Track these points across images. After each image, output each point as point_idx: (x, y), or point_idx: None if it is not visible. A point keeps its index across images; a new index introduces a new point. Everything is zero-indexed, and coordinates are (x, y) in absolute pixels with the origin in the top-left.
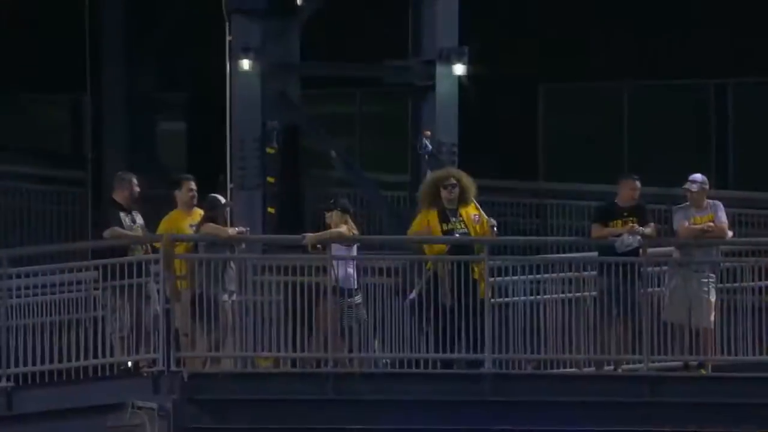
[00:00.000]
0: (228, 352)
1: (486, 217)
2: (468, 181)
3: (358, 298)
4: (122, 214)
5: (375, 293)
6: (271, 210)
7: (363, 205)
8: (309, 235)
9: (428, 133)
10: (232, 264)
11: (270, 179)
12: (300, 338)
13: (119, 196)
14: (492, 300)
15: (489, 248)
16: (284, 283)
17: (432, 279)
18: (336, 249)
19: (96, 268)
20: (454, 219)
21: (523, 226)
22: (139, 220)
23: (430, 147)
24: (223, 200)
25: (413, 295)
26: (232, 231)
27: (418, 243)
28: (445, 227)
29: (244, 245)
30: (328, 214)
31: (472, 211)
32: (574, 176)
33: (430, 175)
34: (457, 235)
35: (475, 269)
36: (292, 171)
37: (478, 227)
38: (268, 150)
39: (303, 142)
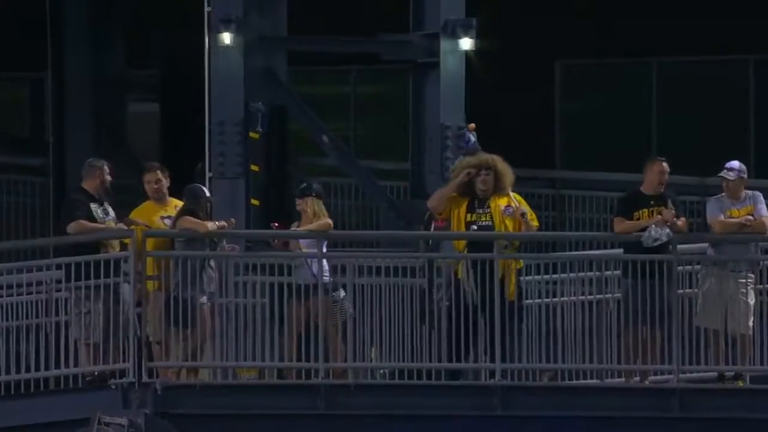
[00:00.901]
0: (207, 361)
1: (519, 207)
2: (504, 168)
3: (341, 293)
4: (93, 205)
5: (372, 295)
6: (255, 202)
7: (358, 196)
8: (209, 223)
9: (473, 125)
10: (211, 262)
11: (254, 167)
12: (288, 346)
13: (89, 185)
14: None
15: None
16: (270, 283)
17: (453, 279)
18: (303, 244)
19: (60, 267)
20: (480, 210)
21: (537, 219)
22: (112, 212)
23: (473, 139)
24: (206, 192)
25: (438, 294)
26: (212, 225)
27: (425, 240)
28: (468, 218)
29: (225, 242)
30: (300, 201)
31: (503, 203)
32: (595, 164)
33: (461, 162)
34: (475, 228)
35: (500, 268)
36: (279, 158)
37: (508, 221)
38: (252, 135)
39: (291, 126)
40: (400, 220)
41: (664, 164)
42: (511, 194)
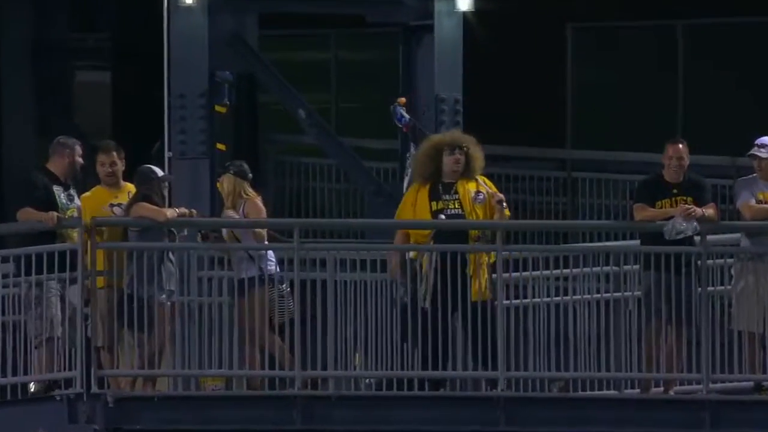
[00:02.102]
0: (166, 369)
1: (493, 191)
2: (476, 151)
3: (286, 287)
4: (57, 188)
5: (357, 293)
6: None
7: (340, 179)
8: (168, 210)
9: (403, 100)
10: (171, 256)
11: (220, 146)
12: (261, 351)
13: (55, 166)
14: (505, 302)
15: (490, 234)
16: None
17: (416, 274)
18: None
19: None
20: (447, 196)
21: (546, 206)
22: (78, 200)
23: (407, 117)
24: (159, 173)
25: (401, 294)
26: (171, 213)
27: (394, 229)
28: (434, 206)
29: (186, 231)
30: (219, 180)
31: (472, 188)
32: (612, 143)
33: (428, 140)
34: (442, 217)
35: (471, 262)
36: (249, 136)
37: (479, 209)
38: (217, 108)
39: (262, 99)
40: (389, 207)
41: (680, 147)
42: (478, 178)
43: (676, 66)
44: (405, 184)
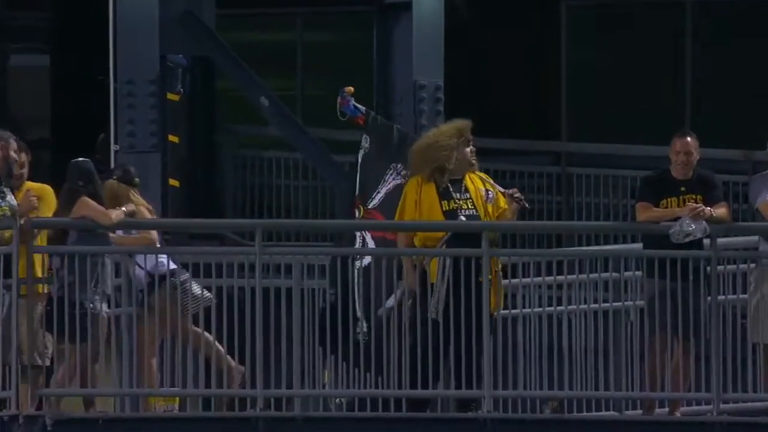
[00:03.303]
0: (108, 387)
1: (500, 188)
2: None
3: (184, 275)
4: None
5: (325, 302)
6: (174, 182)
7: (307, 175)
8: (114, 212)
9: (351, 89)
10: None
11: (173, 138)
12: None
13: None
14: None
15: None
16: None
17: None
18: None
19: None
20: (458, 194)
21: (537, 205)
22: (11, 198)
23: (361, 108)
24: (89, 168)
25: (391, 302)
26: (117, 213)
27: (366, 230)
28: (445, 206)
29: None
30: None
31: (479, 184)
32: (610, 134)
33: (440, 129)
34: (463, 218)
35: (493, 268)
36: (205, 126)
37: (491, 208)
38: (170, 96)
39: (220, 85)
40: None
41: (689, 140)
42: (478, 173)
43: (683, 48)
44: (380, 195)
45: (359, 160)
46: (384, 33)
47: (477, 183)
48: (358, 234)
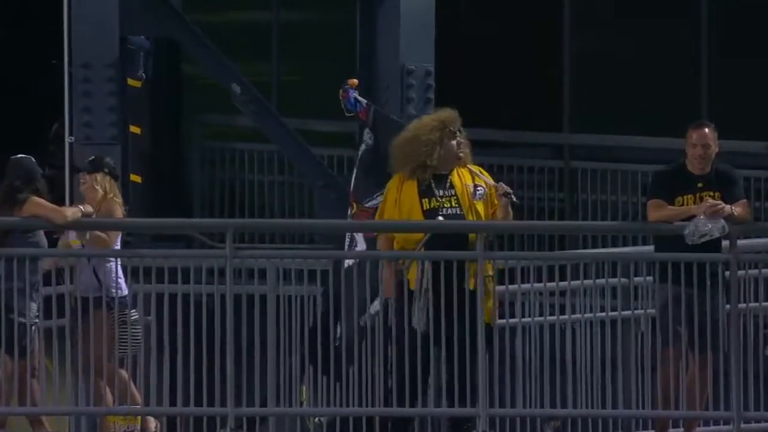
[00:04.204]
0: (52, 404)
1: (492, 182)
2: (462, 131)
3: (134, 313)
4: None
5: (303, 311)
6: (135, 178)
7: (284, 170)
8: (69, 209)
9: (355, 81)
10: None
11: (134, 129)
12: (183, 383)
13: None
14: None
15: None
16: (158, 293)
17: (400, 287)
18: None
19: None
20: (441, 192)
21: (538, 202)
22: None
23: (363, 101)
24: (29, 166)
25: (375, 308)
26: (73, 211)
27: (350, 231)
28: (426, 205)
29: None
30: (85, 179)
31: (467, 179)
32: (618, 125)
33: (421, 121)
34: (440, 218)
35: (471, 273)
36: (170, 116)
37: (481, 205)
38: (131, 82)
39: (187, 70)
40: (343, 204)
41: (707, 131)
42: (470, 166)
43: (698, 30)
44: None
45: (359, 154)
46: (368, 12)
47: (465, 178)
48: (348, 234)
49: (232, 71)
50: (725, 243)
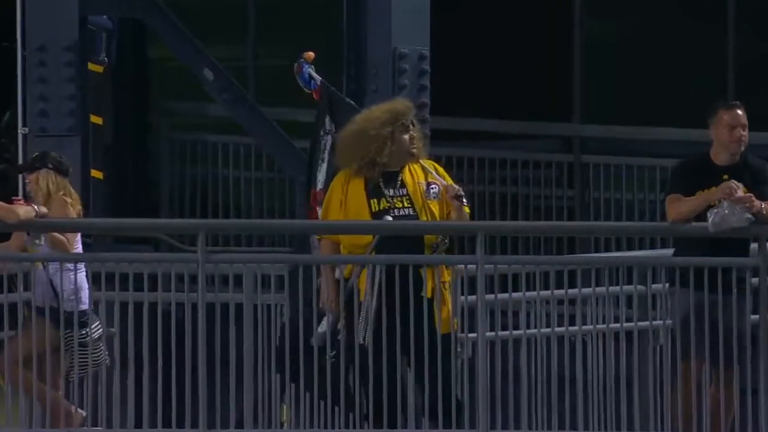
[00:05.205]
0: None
1: (445, 182)
2: (417, 123)
3: (97, 329)
4: None
5: (277, 322)
6: (97, 174)
7: (261, 164)
8: (22, 208)
9: (311, 54)
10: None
11: (95, 119)
12: (150, 402)
13: None
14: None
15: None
16: (122, 302)
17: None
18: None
19: None
20: (391, 191)
21: (544, 201)
22: None
23: (317, 78)
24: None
25: (323, 327)
26: (26, 209)
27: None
28: (374, 206)
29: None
30: (31, 178)
31: (420, 177)
32: (633, 116)
33: (370, 111)
34: (389, 219)
35: (429, 281)
36: (135, 105)
37: (433, 206)
38: (92, 67)
39: (154, 54)
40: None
41: (739, 112)
42: (423, 162)
43: (725, 10)
44: (320, 177)
45: (327, 146)
46: None
47: (418, 176)
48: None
49: (204, 55)
50: (753, 246)
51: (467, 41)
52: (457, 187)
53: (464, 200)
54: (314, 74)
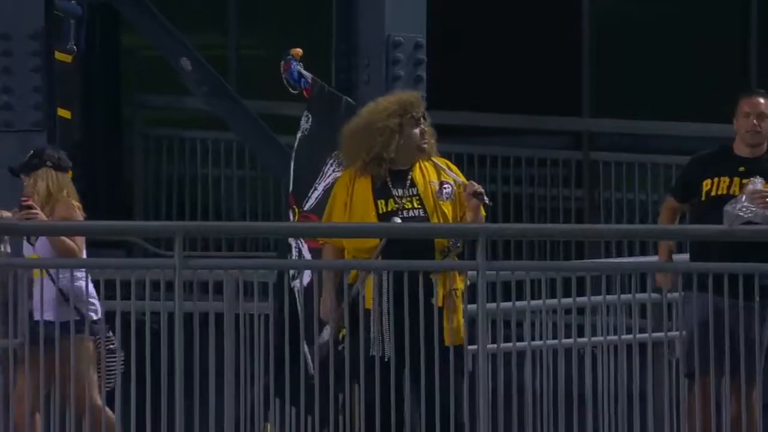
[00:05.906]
0: None
1: (462, 181)
2: (428, 117)
3: (112, 338)
4: None
5: (266, 331)
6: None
7: (243, 162)
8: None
9: (298, 51)
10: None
11: (63, 113)
12: (123, 418)
13: None
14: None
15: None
16: (107, 311)
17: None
18: (26, 248)
19: None
20: (400, 191)
21: (551, 201)
22: None
23: (307, 75)
24: None
25: (326, 334)
26: (3, 214)
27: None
28: (381, 207)
29: (6, 246)
30: (27, 183)
31: (431, 175)
32: (646, 110)
33: (376, 103)
34: (398, 221)
35: (440, 288)
36: (107, 98)
37: (446, 207)
38: (59, 57)
39: (127, 42)
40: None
41: (761, 100)
42: (435, 160)
43: None
44: (317, 193)
45: (295, 145)
46: None
47: (429, 174)
48: (293, 244)
49: (181, 43)
50: None
51: (466, 28)
52: (476, 184)
53: (485, 199)
54: (304, 72)
